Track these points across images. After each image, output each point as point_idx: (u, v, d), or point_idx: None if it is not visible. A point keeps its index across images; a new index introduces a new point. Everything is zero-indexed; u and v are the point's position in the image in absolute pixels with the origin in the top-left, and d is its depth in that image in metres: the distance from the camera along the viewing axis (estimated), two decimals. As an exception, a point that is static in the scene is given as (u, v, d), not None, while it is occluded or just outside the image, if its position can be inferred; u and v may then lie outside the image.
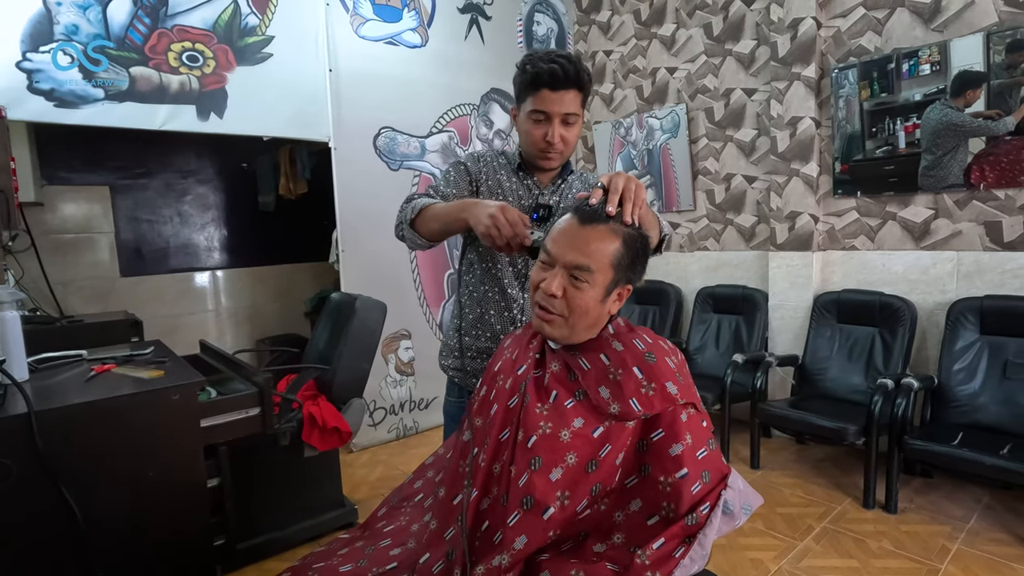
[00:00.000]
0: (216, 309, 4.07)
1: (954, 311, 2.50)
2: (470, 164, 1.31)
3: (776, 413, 2.68)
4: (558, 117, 1.18)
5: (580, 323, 0.93)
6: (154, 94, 2.48)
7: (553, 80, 1.15)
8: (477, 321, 1.30)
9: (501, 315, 1.29)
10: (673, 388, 0.88)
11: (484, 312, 1.29)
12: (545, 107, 1.17)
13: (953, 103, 2.52)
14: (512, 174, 1.31)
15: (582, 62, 1.20)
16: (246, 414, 1.25)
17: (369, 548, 1.05)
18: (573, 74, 1.16)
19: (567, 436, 0.88)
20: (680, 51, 3.57)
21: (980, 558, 1.98)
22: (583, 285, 0.91)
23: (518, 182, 1.30)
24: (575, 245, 0.92)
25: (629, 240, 0.93)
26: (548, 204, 1.16)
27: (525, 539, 0.84)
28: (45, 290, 3.20)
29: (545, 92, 1.16)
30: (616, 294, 0.95)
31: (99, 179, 3.57)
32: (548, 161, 1.25)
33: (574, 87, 1.17)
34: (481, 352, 1.31)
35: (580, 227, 0.93)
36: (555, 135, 1.19)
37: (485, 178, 1.30)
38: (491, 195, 1.28)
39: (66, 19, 2.27)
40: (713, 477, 0.85)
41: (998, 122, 2.40)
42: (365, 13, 3.10)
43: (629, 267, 0.94)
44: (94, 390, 1.07)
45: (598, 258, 0.91)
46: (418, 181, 3.37)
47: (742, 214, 3.40)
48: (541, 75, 1.15)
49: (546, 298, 0.92)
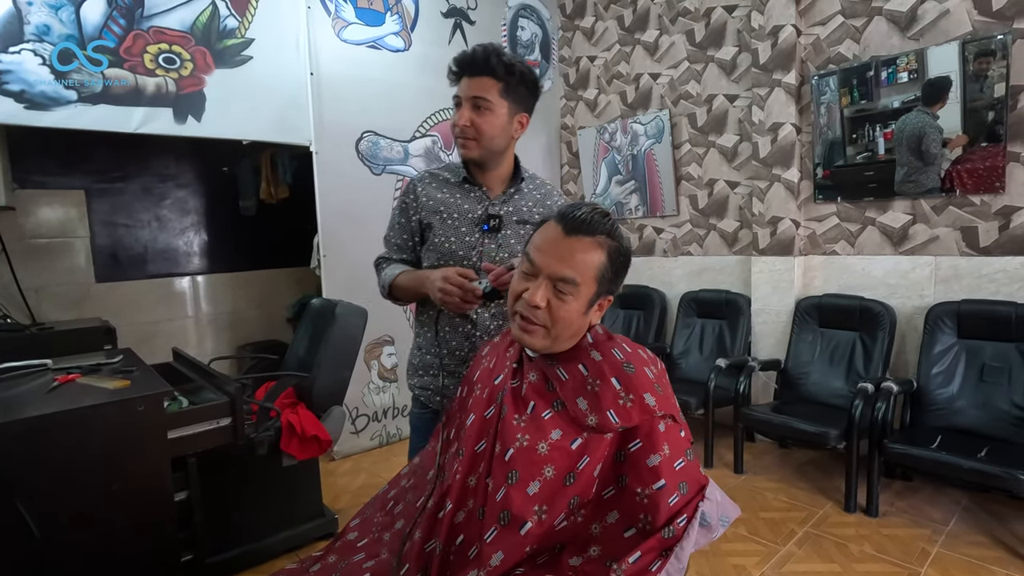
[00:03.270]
0: (196, 315, 3.99)
1: (932, 315, 2.53)
2: (408, 198, 1.32)
3: (759, 418, 2.68)
4: (468, 101, 1.20)
5: (562, 335, 0.92)
6: (129, 96, 2.43)
7: (462, 66, 1.20)
8: (435, 339, 1.30)
9: (456, 331, 1.28)
10: (651, 399, 0.87)
11: (440, 330, 1.29)
12: (458, 92, 1.21)
13: (929, 110, 2.56)
14: (457, 188, 1.29)
15: (505, 54, 1.21)
16: (217, 424, 1.21)
17: (343, 563, 1.02)
18: (483, 59, 1.18)
19: (544, 449, 0.87)
20: (663, 57, 3.59)
21: (959, 561, 2.00)
22: (567, 297, 0.90)
23: (463, 195, 1.29)
24: (560, 256, 0.90)
25: (613, 253, 0.92)
26: (498, 215, 1.22)
27: (502, 555, 0.82)
28: (17, 296, 3.12)
29: (463, 78, 1.21)
30: (598, 305, 0.94)
31: (74, 182, 3.49)
32: (464, 149, 1.24)
33: (486, 74, 1.19)
34: (440, 368, 1.30)
35: (565, 237, 0.91)
36: (461, 117, 1.20)
37: (426, 199, 1.29)
38: (434, 216, 1.28)
39: (37, 19, 2.21)
40: (691, 488, 0.84)
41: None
42: (347, 16, 3.08)
43: (612, 280, 0.93)
44: (55, 401, 1.03)
45: (583, 271, 0.90)
46: (401, 185, 3.34)
47: (725, 219, 3.42)
48: (460, 61, 1.20)
49: (529, 309, 0.91)
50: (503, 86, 1.20)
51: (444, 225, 1.27)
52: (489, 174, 1.29)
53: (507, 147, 1.28)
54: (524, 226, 1.29)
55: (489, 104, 1.20)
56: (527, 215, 1.30)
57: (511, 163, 1.32)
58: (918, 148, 2.61)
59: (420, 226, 1.29)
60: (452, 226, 1.26)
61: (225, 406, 1.22)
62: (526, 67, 1.23)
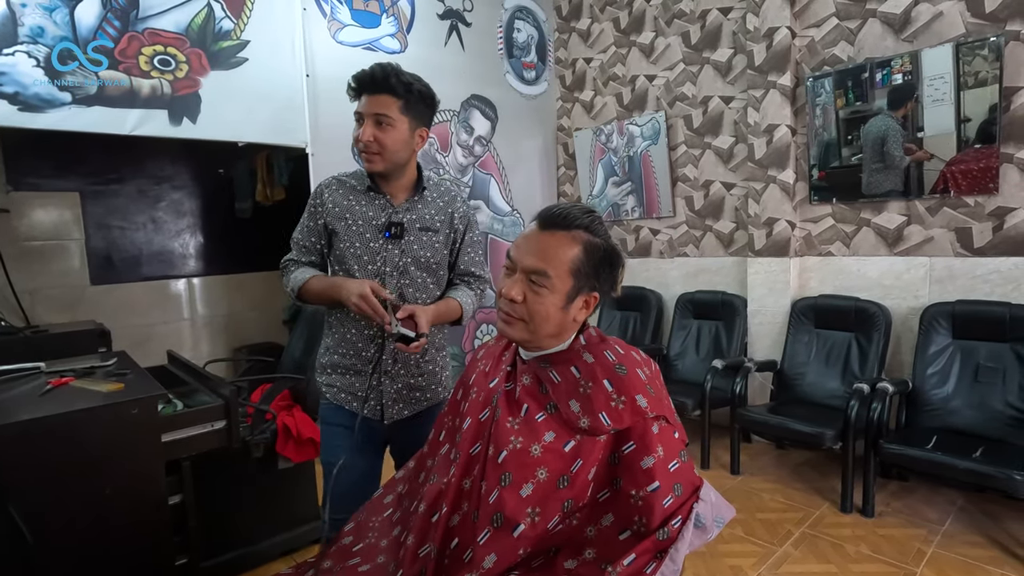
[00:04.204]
0: (191, 318, 3.98)
1: (927, 316, 2.54)
2: (316, 202, 1.36)
3: (755, 418, 2.69)
4: (370, 118, 1.25)
5: (541, 329, 0.92)
6: (124, 98, 2.42)
7: (362, 84, 1.25)
8: (341, 340, 1.36)
9: (362, 333, 1.34)
10: (643, 401, 0.87)
11: (347, 331, 1.35)
12: (360, 109, 1.26)
13: (893, 114, 2.63)
14: (362, 195, 1.35)
15: (403, 73, 1.28)
16: (211, 427, 1.21)
17: (338, 567, 1.02)
18: (382, 78, 1.24)
19: (538, 451, 0.86)
20: (659, 59, 3.60)
21: (955, 561, 2.00)
22: (542, 291, 0.91)
23: (368, 202, 1.34)
24: (533, 250, 0.92)
25: (590, 247, 0.92)
26: (400, 222, 1.30)
27: (495, 557, 0.82)
28: (11, 299, 3.10)
29: (364, 96, 1.26)
30: (582, 301, 0.94)
31: (69, 185, 3.48)
32: (369, 164, 1.30)
33: (386, 92, 1.25)
34: (348, 370, 1.36)
35: (539, 232, 0.94)
36: (364, 132, 1.25)
37: (332, 204, 1.34)
38: (338, 221, 1.33)
39: (31, 21, 2.20)
40: (685, 490, 0.84)
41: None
42: (343, 18, 3.08)
43: (592, 275, 0.93)
44: (48, 405, 1.03)
45: (555, 264, 0.91)
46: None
47: (721, 220, 3.42)
48: (359, 80, 1.25)
49: (507, 303, 0.93)
50: (403, 103, 1.27)
51: (348, 231, 1.33)
52: (393, 184, 1.34)
53: (409, 159, 1.34)
54: (427, 233, 1.36)
55: (391, 120, 1.26)
56: (429, 222, 1.37)
57: (414, 173, 1.38)
58: (881, 150, 2.68)
59: (326, 230, 1.35)
60: (356, 232, 1.33)
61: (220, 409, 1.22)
62: (424, 84, 1.31)
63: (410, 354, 1.33)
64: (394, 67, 1.26)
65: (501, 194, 3.91)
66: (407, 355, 1.34)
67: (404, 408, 1.39)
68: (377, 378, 1.34)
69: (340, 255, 1.34)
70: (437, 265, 1.39)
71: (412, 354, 1.33)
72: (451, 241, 1.42)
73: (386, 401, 1.36)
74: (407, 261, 1.33)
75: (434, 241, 1.37)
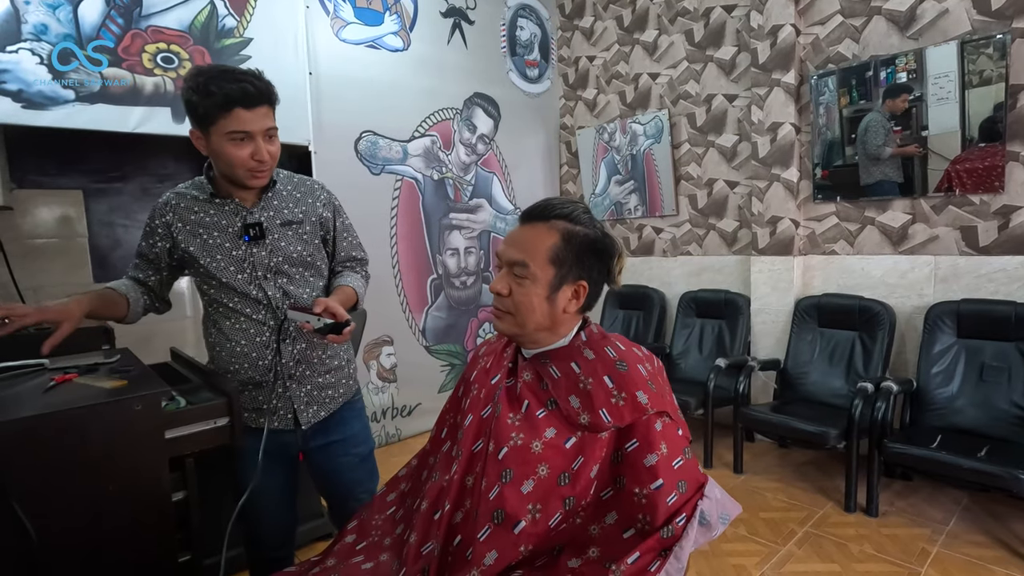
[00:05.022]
0: (194, 316, 3.97)
1: (932, 315, 2.53)
2: (155, 224, 1.28)
3: (759, 417, 2.68)
4: (260, 134, 1.17)
5: (528, 320, 0.93)
6: (127, 96, 2.42)
7: (247, 99, 1.14)
8: (231, 356, 1.29)
9: (253, 342, 1.28)
10: (644, 397, 0.86)
11: (235, 345, 1.28)
12: (245, 127, 1.15)
13: (881, 108, 2.67)
14: (208, 204, 1.27)
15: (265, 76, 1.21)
16: (214, 424, 1.20)
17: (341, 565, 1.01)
18: (264, 90, 1.17)
19: (539, 447, 0.86)
20: (662, 57, 3.59)
21: (959, 560, 1.99)
22: (524, 282, 0.92)
23: (216, 210, 1.26)
24: (513, 243, 0.94)
25: (569, 235, 0.92)
26: (258, 222, 1.24)
27: (496, 554, 0.81)
28: (15, 297, 3.11)
29: (239, 111, 1.14)
30: (571, 291, 0.94)
31: (72, 183, 3.48)
32: (258, 180, 1.23)
33: (266, 103, 1.18)
34: (246, 384, 1.30)
35: (520, 227, 0.96)
36: (264, 152, 1.18)
37: (181, 224, 1.26)
38: (193, 239, 1.26)
39: (34, 18, 2.21)
40: (689, 487, 0.84)
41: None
42: (346, 16, 3.07)
43: (575, 263, 0.93)
44: (52, 401, 1.03)
45: (533, 253, 0.92)
46: (400, 185, 3.34)
47: (724, 219, 3.41)
48: (232, 96, 1.12)
49: (496, 298, 0.95)
50: (273, 109, 1.22)
51: (206, 246, 1.26)
52: (242, 188, 1.26)
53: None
54: (290, 227, 1.30)
55: (276, 130, 1.22)
56: (290, 215, 1.31)
57: None
58: (864, 141, 2.74)
59: (174, 251, 1.29)
60: (214, 245, 1.26)
61: (222, 406, 1.21)
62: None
63: (313, 353, 1.32)
64: (261, 73, 1.20)
65: (504, 192, 3.91)
66: (309, 355, 1.31)
67: (320, 409, 1.35)
68: (282, 384, 1.29)
69: (206, 271, 1.27)
70: (312, 257, 1.34)
71: (316, 353, 1.32)
72: (321, 229, 1.37)
73: (298, 406, 1.31)
74: (278, 260, 1.28)
75: (301, 234, 1.31)
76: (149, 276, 1.35)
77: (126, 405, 1.02)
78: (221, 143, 1.17)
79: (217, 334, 1.32)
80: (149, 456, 1.05)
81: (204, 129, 1.18)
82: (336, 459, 1.40)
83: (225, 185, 1.27)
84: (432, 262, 3.54)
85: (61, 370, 1.27)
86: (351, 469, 1.42)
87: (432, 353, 3.58)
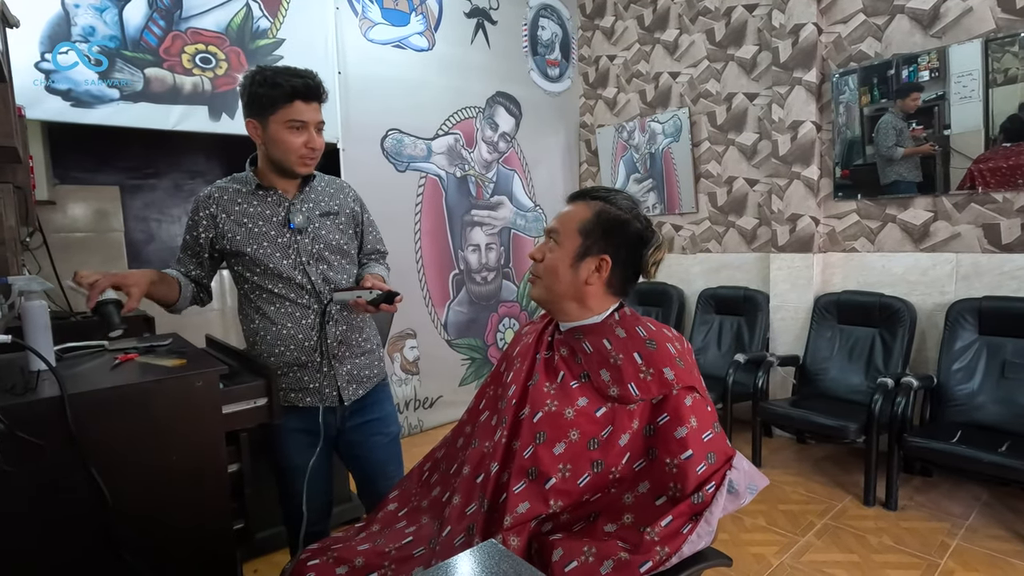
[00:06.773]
0: (222, 308, 4.10)
1: (953, 312, 2.54)
2: (198, 216, 1.37)
3: (777, 412, 2.71)
4: (313, 125, 1.31)
5: (554, 284, 1.03)
6: (168, 95, 2.53)
7: (308, 92, 1.28)
8: (276, 339, 1.37)
9: (299, 324, 1.37)
10: (670, 373, 0.92)
11: (280, 328, 1.37)
12: (303, 116, 1.29)
13: (893, 106, 2.71)
14: (252, 196, 1.36)
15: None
16: (254, 404, 1.28)
17: (386, 530, 1.08)
18: (320, 88, 1.31)
19: (571, 414, 0.93)
20: (683, 56, 3.63)
21: (979, 554, 2.01)
22: (554, 247, 1.03)
23: (260, 202, 1.36)
24: (557, 216, 1.06)
25: (602, 212, 1.02)
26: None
27: (528, 505, 0.88)
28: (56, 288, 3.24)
29: (299, 103, 1.28)
30: (594, 264, 1.01)
31: (109, 179, 3.62)
32: (307, 167, 1.35)
33: (319, 99, 1.32)
34: (291, 366, 1.37)
35: (566, 205, 1.07)
36: (316, 141, 1.32)
37: (225, 215, 1.35)
38: (238, 228, 1.34)
39: (83, 21, 2.32)
40: (718, 458, 0.89)
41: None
42: (374, 17, 3.16)
43: (601, 237, 1.01)
44: (120, 377, 1.11)
45: (565, 222, 1.03)
46: (424, 182, 3.41)
47: (743, 216, 3.44)
48: (296, 88, 1.27)
49: (533, 264, 1.08)
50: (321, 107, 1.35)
51: (252, 235, 1.35)
52: (285, 180, 1.37)
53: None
54: (329, 217, 1.41)
55: (323, 125, 1.35)
56: (328, 207, 1.43)
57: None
58: (876, 140, 2.79)
59: (218, 242, 1.36)
60: (260, 233, 1.35)
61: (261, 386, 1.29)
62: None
63: (352, 336, 1.42)
64: (315, 74, 1.31)
65: (524, 190, 3.97)
66: (349, 336, 1.42)
67: (359, 388, 1.44)
68: (327, 363, 1.38)
69: (251, 259, 1.35)
70: (347, 246, 1.45)
71: (355, 335, 1.43)
72: (353, 222, 1.49)
73: (341, 384, 1.41)
74: (320, 247, 1.39)
75: (338, 224, 1.43)
76: (191, 270, 1.44)
77: (188, 381, 1.10)
78: (280, 131, 1.29)
79: (261, 319, 1.39)
80: (209, 429, 1.13)
81: (263, 118, 1.29)
82: (371, 437, 1.49)
83: (270, 176, 1.37)
84: (454, 258, 3.61)
85: (121, 350, 1.36)
86: (382, 448, 1.51)
87: (453, 347, 3.65)
